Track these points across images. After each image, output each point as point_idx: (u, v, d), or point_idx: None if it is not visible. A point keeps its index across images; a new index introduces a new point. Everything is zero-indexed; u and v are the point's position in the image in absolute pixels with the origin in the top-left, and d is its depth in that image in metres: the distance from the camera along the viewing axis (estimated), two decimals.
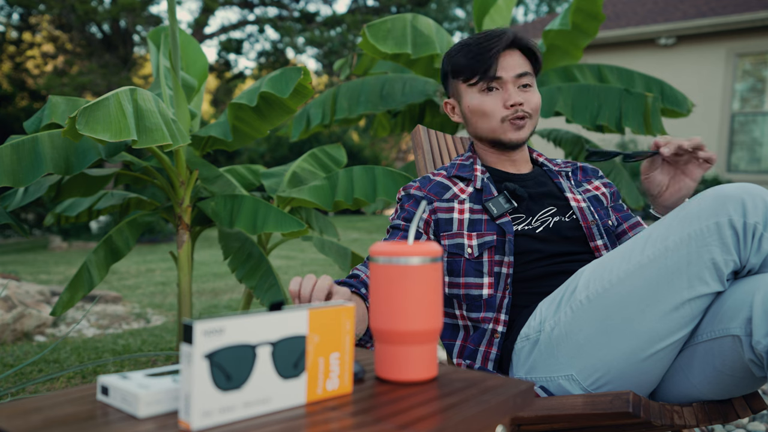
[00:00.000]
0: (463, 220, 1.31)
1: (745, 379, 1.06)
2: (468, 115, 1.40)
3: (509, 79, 1.34)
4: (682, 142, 1.20)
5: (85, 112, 1.70)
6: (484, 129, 1.39)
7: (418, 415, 0.61)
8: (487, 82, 1.35)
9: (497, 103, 1.35)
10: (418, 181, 1.39)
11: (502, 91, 1.35)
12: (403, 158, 21.49)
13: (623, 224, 1.43)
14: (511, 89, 1.34)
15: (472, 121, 1.40)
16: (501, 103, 1.35)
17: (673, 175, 1.26)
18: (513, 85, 1.35)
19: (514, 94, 1.34)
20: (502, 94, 1.35)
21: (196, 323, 0.58)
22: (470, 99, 1.38)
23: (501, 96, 1.35)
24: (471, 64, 1.35)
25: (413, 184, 1.39)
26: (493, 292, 1.25)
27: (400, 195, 1.40)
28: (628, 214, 1.46)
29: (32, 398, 0.66)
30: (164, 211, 2.69)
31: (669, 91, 3.24)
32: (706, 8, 9.00)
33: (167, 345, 3.10)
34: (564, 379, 1.14)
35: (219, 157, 13.92)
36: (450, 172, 1.41)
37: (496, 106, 1.35)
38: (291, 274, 5.86)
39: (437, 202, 1.34)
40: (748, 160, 8.97)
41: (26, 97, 15.14)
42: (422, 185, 1.38)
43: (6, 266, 7.05)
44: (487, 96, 1.36)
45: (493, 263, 1.27)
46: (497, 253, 1.27)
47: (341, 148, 3.19)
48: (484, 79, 1.34)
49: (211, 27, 26.88)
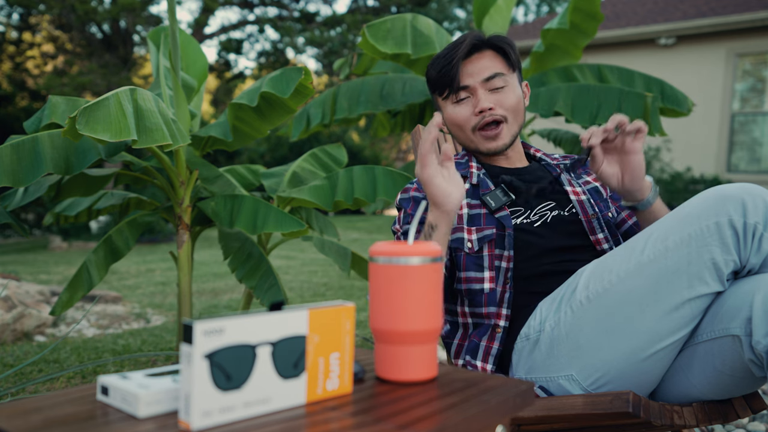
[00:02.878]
0: (462, 215, 1.31)
1: (745, 379, 1.06)
2: (449, 126, 1.42)
3: (477, 85, 1.34)
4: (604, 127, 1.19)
5: (85, 112, 1.70)
6: (462, 139, 1.41)
7: (418, 415, 0.61)
8: (456, 93, 1.35)
9: (468, 112, 1.35)
10: (416, 183, 1.39)
11: (473, 98, 1.35)
12: (403, 158, 21.50)
13: (622, 213, 1.43)
14: (481, 94, 1.34)
15: (452, 131, 1.42)
16: (471, 110, 1.35)
17: (618, 159, 1.23)
18: (483, 89, 1.34)
19: (483, 98, 1.33)
20: (473, 100, 1.35)
21: (196, 323, 0.58)
22: (446, 111, 1.39)
23: (472, 103, 1.35)
24: (438, 78, 1.36)
25: (411, 186, 1.38)
26: (494, 287, 1.25)
27: (399, 199, 1.38)
28: None
29: (32, 398, 0.66)
30: (164, 211, 2.69)
31: (669, 91, 3.24)
32: (706, 8, 9.00)
33: (167, 345, 3.10)
34: (564, 379, 1.14)
35: (219, 157, 13.93)
36: None
37: (467, 114, 1.36)
38: (291, 274, 5.86)
39: None
40: (748, 160, 8.97)
41: (26, 97, 15.15)
42: (420, 186, 1.37)
43: (6, 266, 7.05)
44: (458, 107, 1.37)
45: (493, 257, 1.27)
46: (497, 247, 1.27)
47: (342, 147, 3.19)
48: (452, 91, 1.35)
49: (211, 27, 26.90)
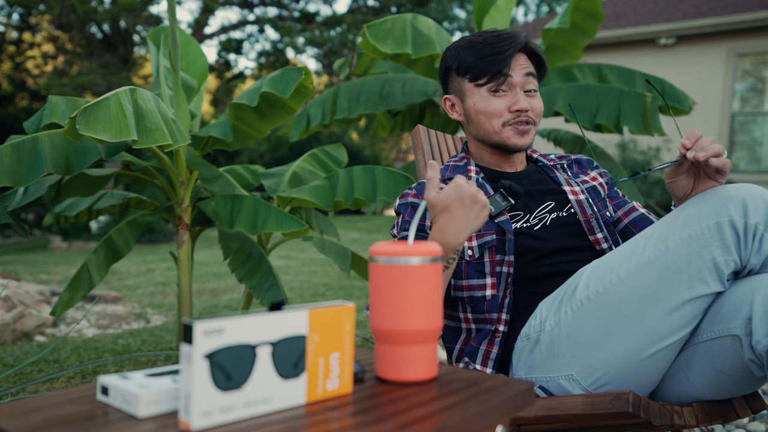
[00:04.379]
0: None
1: (745, 379, 1.06)
2: (472, 115, 1.38)
3: (518, 82, 1.33)
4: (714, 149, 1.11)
5: (85, 112, 1.70)
6: (488, 130, 1.37)
7: (418, 415, 0.61)
8: (497, 83, 1.33)
9: (503, 105, 1.34)
10: (415, 188, 1.37)
11: (510, 94, 1.34)
12: (403, 158, 21.50)
13: (618, 211, 1.42)
14: (520, 94, 1.33)
15: (475, 120, 1.38)
16: (506, 106, 1.34)
17: (696, 176, 1.19)
18: (521, 88, 1.34)
19: (522, 99, 1.33)
20: (509, 96, 1.34)
21: (196, 323, 0.58)
22: (476, 99, 1.36)
23: (507, 99, 1.34)
24: (481, 64, 1.33)
25: (410, 192, 1.37)
26: (495, 293, 1.25)
27: (397, 204, 1.37)
28: (624, 200, 1.45)
29: (32, 398, 0.66)
30: (164, 211, 2.69)
31: (670, 90, 3.24)
32: (706, 8, 9.00)
33: (167, 345, 3.10)
34: (564, 379, 1.14)
35: (219, 157, 13.93)
36: (444, 174, 1.40)
37: (502, 108, 1.34)
38: (291, 274, 5.86)
39: None
40: (748, 160, 8.97)
41: (26, 97, 15.15)
42: (419, 192, 1.36)
43: (6, 266, 7.05)
44: (494, 97, 1.34)
45: (494, 263, 1.26)
46: (498, 252, 1.27)
47: (342, 148, 3.19)
48: (493, 80, 1.33)
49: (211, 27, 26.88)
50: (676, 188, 1.21)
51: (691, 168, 1.18)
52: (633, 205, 1.43)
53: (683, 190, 1.20)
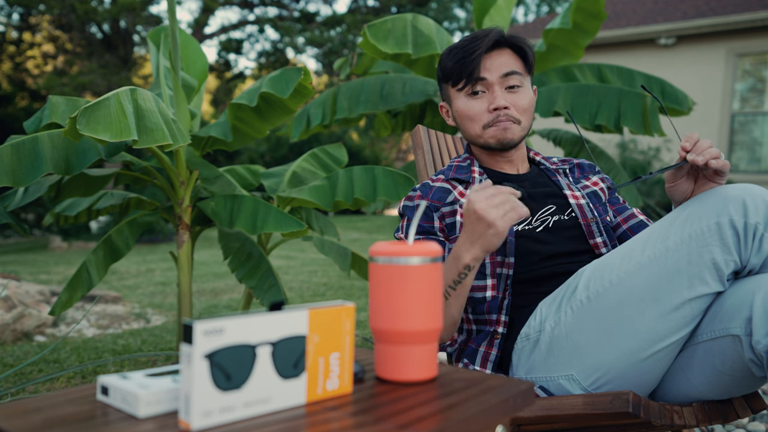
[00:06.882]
0: (463, 223, 1.30)
1: (745, 379, 1.06)
2: (458, 120, 1.39)
3: (495, 81, 1.32)
4: (712, 153, 1.12)
5: (85, 112, 1.70)
6: (471, 134, 1.38)
7: (418, 415, 0.61)
8: (472, 85, 1.33)
9: (483, 106, 1.33)
10: (419, 190, 1.37)
11: (489, 94, 1.33)
12: (403, 158, 21.50)
13: (618, 217, 1.42)
14: (498, 91, 1.32)
15: (461, 125, 1.39)
16: (486, 107, 1.33)
17: (696, 179, 1.19)
18: (500, 86, 1.33)
19: (500, 96, 1.32)
20: (488, 96, 1.33)
21: (196, 323, 0.58)
22: (458, 103, 1.37)
23: (487, 99, 1.33)
24: (456, 68, 1.34)
25: (414, 194, 1.37)
26: (495, 294, 1.25)
27: (401, 206, 1.37)
28: (624, 206, 1.45)
29: (32, 398, 0.66)
30: (164, 211, 2.69)
31: (670, 90, 3.24)
32: (706, 8, 9.00)
33: (167, 345, 3.10)
34: (564, 379, 1.14)
35: (219, 157, 13.93)
36: (448, 174, 1.40)
37: (481, 109, 1.33)
38: (291, 274, 5.86)
39: (443, 207, 1.32)
40: (748, 160, 8.97)
41: (26, 97, 15.15)
42: (424, 194, 1.35)
43: (6, 266, 7.05)
44: (472, 100, 1.34)
45: (495, 264, 1.26)
46: (498, 254, 1.27)
47: (342, 147, 3.18)
48: (469, 83, 1.33)
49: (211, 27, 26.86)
50: (676, 192, 1.21)
51: (690, 171, 1.18)
52: (632, 212, 1.43)
53: (683, 194, 1.20)
